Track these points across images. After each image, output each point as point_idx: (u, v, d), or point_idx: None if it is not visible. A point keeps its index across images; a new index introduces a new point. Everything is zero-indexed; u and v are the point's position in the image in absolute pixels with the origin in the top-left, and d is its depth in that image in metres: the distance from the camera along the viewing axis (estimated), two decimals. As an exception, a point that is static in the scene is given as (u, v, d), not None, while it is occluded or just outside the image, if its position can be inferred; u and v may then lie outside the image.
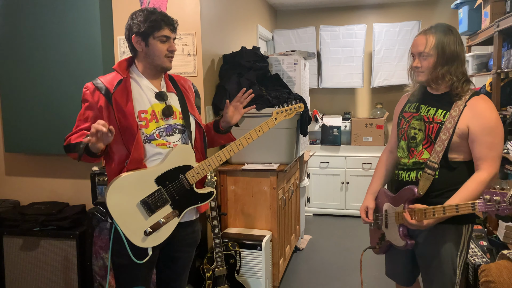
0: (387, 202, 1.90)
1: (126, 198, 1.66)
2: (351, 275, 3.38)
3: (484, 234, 2.94)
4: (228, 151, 1.80)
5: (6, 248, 2.81)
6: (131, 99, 1.69)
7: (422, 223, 1.67)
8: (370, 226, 2.04)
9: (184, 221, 1.80)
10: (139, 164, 1.68)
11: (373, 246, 2.03)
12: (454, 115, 1.69)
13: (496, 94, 2.93)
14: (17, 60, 2.83)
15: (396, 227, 1.83)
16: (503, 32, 2.88)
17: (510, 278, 1.99)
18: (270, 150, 3.09)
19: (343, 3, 5.14)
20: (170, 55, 1.74)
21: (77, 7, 2.71)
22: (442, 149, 1.70)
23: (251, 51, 3.29)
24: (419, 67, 1.75)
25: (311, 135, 5.13)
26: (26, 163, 3.10)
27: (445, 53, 1.69)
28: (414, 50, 1.77)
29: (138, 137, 1.67)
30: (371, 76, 5.10)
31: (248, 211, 3.03)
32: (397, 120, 1.95)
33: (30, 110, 2.84)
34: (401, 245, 1.82)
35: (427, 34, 1.72)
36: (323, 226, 4.64)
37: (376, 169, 2.06)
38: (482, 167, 1.66)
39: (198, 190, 1.77)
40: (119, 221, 1.64)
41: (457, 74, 1.71)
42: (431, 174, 1.72)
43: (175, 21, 1.76)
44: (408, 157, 1.82)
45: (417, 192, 1.73)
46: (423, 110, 1.80)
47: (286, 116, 1.94)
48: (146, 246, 1.68)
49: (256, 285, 2.80)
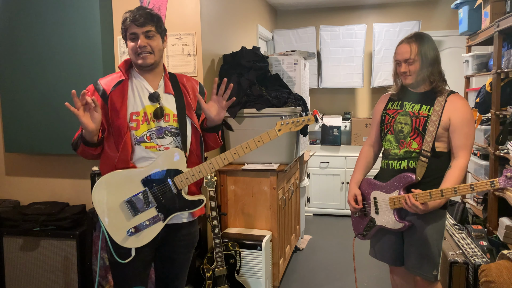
0: (376, 190, 2.06)
1: (112, 195, 1.67)
2: (351, 275, 3.38)
3: (484, 234, 2.94)
4: (222, 159, 1.71)
5: (6, 248, 2.81)
6: (126, 100, 1.71)
7: (427, 206, 1.86)
8: (354, 215, 2.17)
9: (180, 223, 1.79)
10: (126, 164, 1.69)
11: (361, 233, 2.14)
12: (437, 109, 1.94)
13: (496, 94, 2.93)
14: (17, 60, 2.83)
15: (389, 211, 2.00)
16: (503, 32, 2.88)
17: (510, 278, 1.99)
18: (270, 150, 3.09)
19: (343, 3, 5.14)
20: (139, 51, 1.68)
21: (77, 7, 2.71)
22: (432, 139, 1.93)
23: (251, 51, 3.29)
24: (406, 72, 1.97)
25: (311, 135, 5.13)
26: (26, 163, 3.10)
27: (427, 58, 1.94)
28: (399, 57, 1.99)
29: (126, 138, 1.68)
30: (371, 76, 5.10)
31: (248, 211, 3.03)
32: (380, 117, 2.14)
33: (30, 110, 2.84)
34: (398, 228, 1.99)
35: (410, 43, 1.96)
36: (323, 226, 4.64)
37: (357, 161, 2.26)
38: (460, 155, 1.91)
39: (187, 196, 1.72)
40: (103, 218, 1.68)
41: (436, 75, 1.96)
42: (425, 161, 1.94)
43: (145, 14, 1.67)
44: (399, 147, 2.02)
45: (416, 177, 1.93)
46: (407, 107, 2.04)
47: (292, 129, 1.73)
48: (128, 246, 1.69)
49: (256, 285, 2.80)
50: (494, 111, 2.93)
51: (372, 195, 2.07)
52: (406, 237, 2.06)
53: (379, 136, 2.17)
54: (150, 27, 1.68)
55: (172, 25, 2.86)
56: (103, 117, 1.68)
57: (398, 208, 1.98)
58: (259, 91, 3.08)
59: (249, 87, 3.09)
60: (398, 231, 2.02)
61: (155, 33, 1.70)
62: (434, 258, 2.00)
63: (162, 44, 1.75)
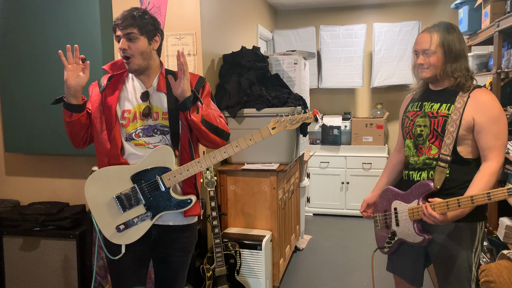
0: (396, 200, 1.88)
1: (102, 190, 1.71)
2: (351, 275, 3.38)
3: (484, 234, 2.93)
4: (211, 158, 1.67)
5: (6, 248, 2.81)
6: (116, 96, 1.75)
7: (446, 217, 1.64)
8: (376, 226, 2.04)
9: (174, 225, 1.79)
10: (117, 159, 1.72)
11: (382, 246, 1.98)
12: (458, 107, 1.71)
13: (496, 94, 2.93)
14: (17, 60, 2.82)
15: (410, 223, 1.81)
16: (503, 32, 2.87)
17: (510, 278, 1.99)
18: (270, 150, 3.09)
19: (343, 3, 5.14)
20: (123, 54, 1.68)
21: (77, 7, 2.71)
22: (452, 141, 1.71)
23: (251, 51, 3.29)
24: (423, 64, 1.77)
25: (311, 135, 5.13)
26: (26, 163, 3.09)
27: (451, 51, 1.72)
28: (418, 47, 1.79)
29: (115, 133, 1.72)
30: (371, 76, 5.10)
31: (248, 211, 3.03)
32: (401, 121, 1.97)
33: (30, 110, 2.84)
34: (418, 241, 1.80)
35: (431, 32, 1.75)
36: (323, 226, 4.64)
37: (384, 168, 2.11)
38: (490, 157, 1.67)
39: (175, 195, 1.70)
40: (94, 212, 1.72)
41: (463, 71, 1.74)
42: (445, 167, 1.72)
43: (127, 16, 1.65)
44: (417, 154, 1.83)
45: (434, 185, 1.73)
46: (426, 107, 1.83)
47: (287, 127, 1.64)
48: (116, 242, 1.72)
49: (256, 285, 2.80)
50: (494, 111, 2.92)
51: (393, 205, 1.90)
52: (431, 255, 1.87)
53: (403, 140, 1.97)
54: (132, 29, 1.65)
55: (172, 25, 2.86)
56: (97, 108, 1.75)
57: (418, 219, 1.78)
58: (259, 91, 3.08)
59: (249, 87, 3.09)
60: (418, 245, 1.83)
61: (137, 35, 1.66)
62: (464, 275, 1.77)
63: (149, 46, 1.71)
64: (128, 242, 1.72)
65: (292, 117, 1.63)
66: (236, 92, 3.04)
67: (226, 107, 3.06)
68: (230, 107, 3.04)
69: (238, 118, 3.08)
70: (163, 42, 1.83)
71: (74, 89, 1.69)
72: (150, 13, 1.74)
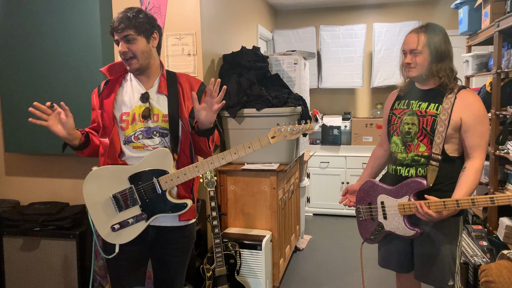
0: (383, 194, 1.93)
1: (100, 189, 1.72)
2: (351, 275, 3.38)
3: (484, 234, 2.94)
4: (208, 163, 1.66)
5: (6, 248, 2.81)
6: (112, 99, 1.75)
7: (442, 214, 1.71)
8: (359, 217, 2.06)
9: (170, 226, 1.78)
10: (115, 160, 1.73)
11: (368, 238, 2.03)
12: (446, 107, 1.79)
13: (496, 94, 2.93)
14: (17, 60, 2.83)
15: (399, 217, 1.86)
16: (503, 32, 2.88)
17: (510, 278, 1.99)
18: (270, 150, 3.09)
19: (343, 3, 5.14)
20: (123, 57, 1.70)
21: (77, 7, 2.71)
22: (442, 141, 1.79)
23: (251, 51, 3.28)
24: (410, 63, 1.84)
25: (311, 135, 5.13)
26: (26, 163, 3.10)
27: (437, 51, 1.80)
28: (405, 47, 1.86)
29: (113, 135, 1.72)
30: (371, 76, 5.10)
31: (248, 211, 3.03)
32: (387, 117, 2.02)
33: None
34: (409, 235, 1.86)
35: (419, 33, 1.83)
36: (323, 226, 4.64)
37: (368, 161, 2.23)
38: (475, 155, 1.76)
39: (171, 199, 1.70)
40: (90, 210, 1.74)
41: (447, 71, 1.82)
42: (436, 165, 1.80)
43: (122, 19, 1.66)
44: (406, 151, 1.89)
45: (427, 183, 1.79)
46: (414, 105, 1.89)
47: (287, 137, 1.62)
48: (110, 241, 1.72)
49: (256, 285, 2.80)
50: (494, 111, 2.93)
51: (379, 199, 1.94)
52: (416, 245, 1.94)
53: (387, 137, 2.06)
54: (129, 31, 1.65)
55: (172, 25, 2.86)
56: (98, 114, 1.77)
57: (408, 214, 1.85)
58: (259, 91, 3.08)
59: (249, 87, 3.09)
60: (409, 238, 1.90)
61: (135, 36, 1.67)
62: (447, 267, 1.86)
63: (147, 44, 1.71)
64: (122, 242, 1.72)
65: (292, 127, 1.62)
66: (236, 92, 3.04)
67: (226, 107, 3.06)
68: (230, 107, 3.05)
69: (238, 118, 3.08)
70: (162, 41, 1.84)
71: (68, 135, 1.70)
72: (144, 11, 1.74)
